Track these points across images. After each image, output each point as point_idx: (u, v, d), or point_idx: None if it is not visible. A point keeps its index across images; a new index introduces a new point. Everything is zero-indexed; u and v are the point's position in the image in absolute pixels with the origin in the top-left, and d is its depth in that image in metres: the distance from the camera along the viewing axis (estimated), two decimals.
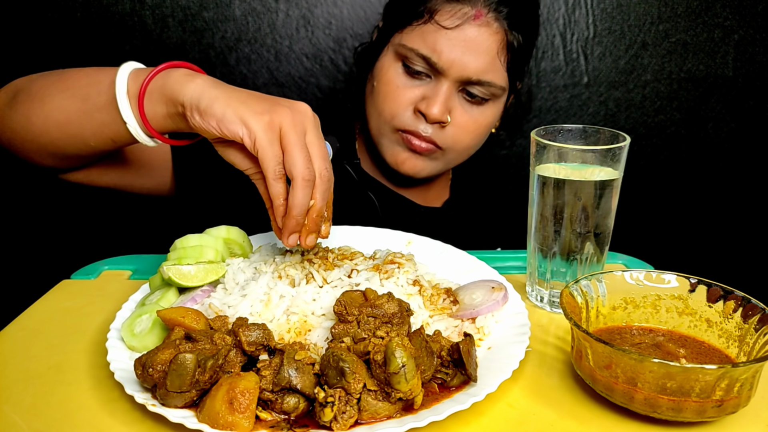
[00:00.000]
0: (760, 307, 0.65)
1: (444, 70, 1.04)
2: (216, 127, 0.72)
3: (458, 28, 1.03)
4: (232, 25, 1.46)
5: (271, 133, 0.70)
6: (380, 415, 0.58)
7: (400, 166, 1.13)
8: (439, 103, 1.05)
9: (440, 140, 1.09)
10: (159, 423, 0.59)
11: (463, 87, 1.07)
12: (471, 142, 1.14)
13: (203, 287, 0.76)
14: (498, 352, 0.70)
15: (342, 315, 0.66)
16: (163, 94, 0.77)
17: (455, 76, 1.05)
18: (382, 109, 1.10)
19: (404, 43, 1.07)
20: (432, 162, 1.13)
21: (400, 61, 1.08)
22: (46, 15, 1.41)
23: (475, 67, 1.04)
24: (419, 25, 1.05)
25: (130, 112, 0.80)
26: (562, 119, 1.60)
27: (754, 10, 1.54)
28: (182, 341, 0.62)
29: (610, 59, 1.55)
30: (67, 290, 0.89)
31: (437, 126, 1.08)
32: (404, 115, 1.08)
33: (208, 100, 0.72)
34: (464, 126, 1.10)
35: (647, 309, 0.73)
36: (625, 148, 0.78)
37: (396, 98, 1.08)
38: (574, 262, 0.82)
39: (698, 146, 1.64)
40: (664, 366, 0.57)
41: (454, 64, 1.03)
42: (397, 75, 1.09)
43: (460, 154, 1.16)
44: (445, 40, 1.03)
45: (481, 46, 1.03)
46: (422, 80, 1.08)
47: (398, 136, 1.11)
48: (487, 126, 1.13)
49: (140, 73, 0.81)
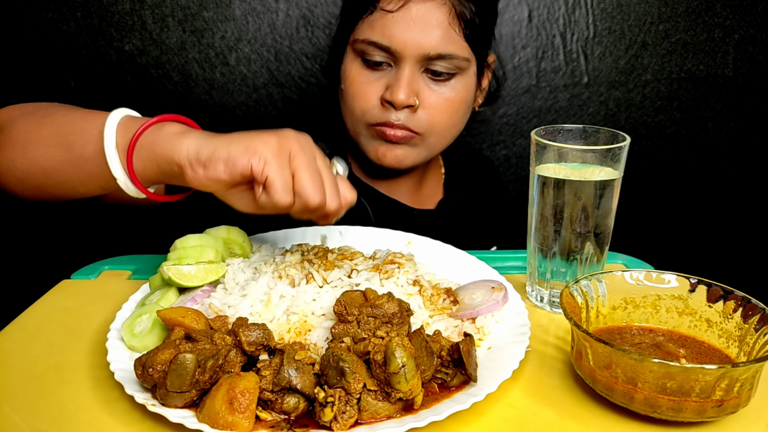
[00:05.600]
0: (760, 307, 0.65)
1: (399, 52, 1.03)
2: (224, 170, 0.68)
3: (402, 8, 1.02)
4: (232, 25, 1.46)
5: (281, 157, 0.68)
6: (380, 415, 0.58)
7: (382, 159, 1.11)
8: (402, 87, 1.03)
9: (415, 125, 1.07)
10: (159, 423, 0.59)
11: (425, 67, 1.06)
12: (448, 122, 1.11)
13: (203, 287, 0.76)
14: (498, 352, 0.70)
15: (342, 315, 0.66)
16: (154, 152, 0.74)
17: (413, 56, 1.03)
18: (352, 109, 1.11)
19: (357, 38, 1.07)
20: (413, 149, 1.12)
21: (358, 57, 1.08)
22: (46, 15, 1.41)
23: (429, 42, 1.02)
24: (367, 17, 1.05)
25: (119, 167, 0.77)
26: (562, 119, 1.60)
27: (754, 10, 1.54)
28: (182, 341, 0.62)
29: (610, 59, 1.55)
30: (67, 290, 0.89)
31: (408, 111, 1.06)
32: (373, 110, 1.08)
33: (209, 147, 0.69)
34: (436, 106, 1.08)
35: (647, 309, 0.73)
36: (625, 148, 0.78)
37: (362, 94, 1.08)
38: (574, 262, 0.82)
39: (698, 146, 1.64)
40: (664, 366, 0.57)
41: (408, 43, 1.02)
42: (358, 72, 1.09)
43: (441, 136, 1.13)
44: (392, 23, 1.03)
45: (430, 21, 1.02)
46: (384, 70, 1.07)
47: (373, 131, 1.10)
48: (460, 102, 1.11)
49: (129, 124, 0.77)
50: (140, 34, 1.44)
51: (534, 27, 1.52)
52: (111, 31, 1.43)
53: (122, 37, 1.44)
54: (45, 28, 1.42)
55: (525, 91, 1.57)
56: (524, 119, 1.60)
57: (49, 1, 1.40)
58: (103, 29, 1.43)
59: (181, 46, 1.46)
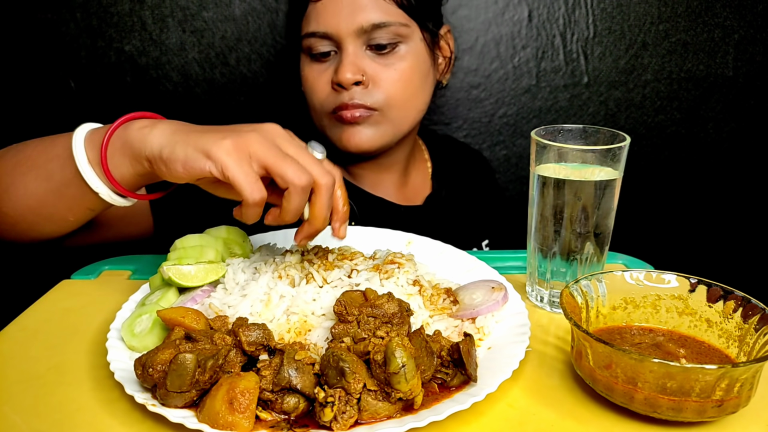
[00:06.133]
0: (760, 307, 0.65)
1: (336, 34, 1.04)
2: (182, 171, 0.68)
3: None
4: (232, 25, 1.46)
5: (237, 154, 0.65)
6: (380, 415, 0.58)
7: (347, 144, 1.10)
8: (345, 65, 1.03)
9: (370, 101, 1.06)
10: (159, 423, 0.59)
11: (367, 44, 1.05)
12: (404, 92, 1.09)
13: (203, 287, 0.76)
14: (498, 352, 0.70)
15: (342, 315, 0.66)
16: (125, 153, 0.73)
17: (349, 34, 1.03)
18: (312, 104, 1.12)
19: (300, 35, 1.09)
20: (376, 128, 1.09)
21: (307, 54, 1.10)
22: (46, 16, 1.41)
23: (362, 16, 1.03)
24: (304, 14, 1.08)
25: (98, 181, 0.76)
26: (562, 119, 1.60)
27: (754, 10, 1.54)
28: (182, 341, 0.62)
29: (610, 59, 1.55)
30: (67, 290, 0.89)
31: (359, 89, 1.05)
32: (328, 97, 1.08)
33: (169, 146, 0.68)
34: (387, 77, 1.07)
35: (647, 309, 0.73)
36: (625, 148, 0.78)
37: (316, 87, 1.09)
38: (574, 262, 0.82)
39: (698, 146, 1.64)
40: (664, 366, 0.57)
41: (341, 24, 1.03)
42: (309, 67, 1.10)
43: (402, 108, 1.10)
44: (321, 8, 1.04)
45: None
46: (331, 59, 1.08)
47: (333, 119, 1.10)
48: (411, 70, 1.09)
49: (95, 136, 0.76)
50: (140, 35, 1.44)
51: (534, 27, 1.52)
52: (111, 32, 1.43)
53: (122, 37, 1.44)
54: (45, 28, 1.42)
55: (525, 91, 1.57)
56: (524, 119, 1.60)
57: (49, 2, 1.40)
58: (102, 30, 1.43)
59: (181, 46, 1.46)
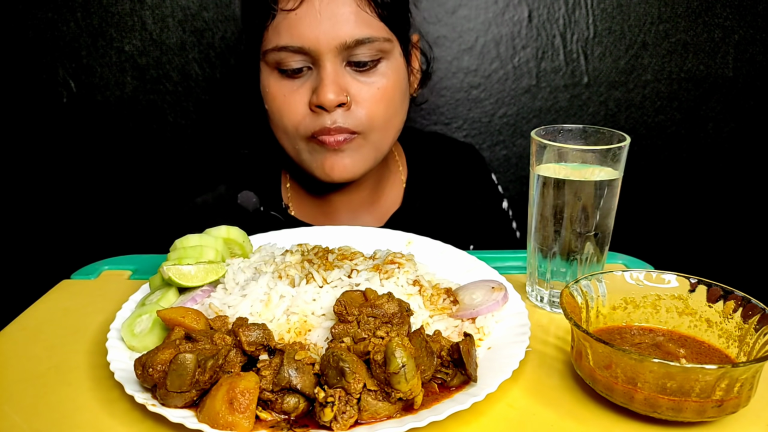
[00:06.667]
0: (760, 307, 0.65)
1: (314, 50, 0.95)
2: None
3: (304, 3, 0.94)
4: (232, 25, 1.46)
5: None
6: (380, 415, 0.58)
7: (330, 174, 1.02)
8: (328, 86, 0.95)
9: (353, 124, 0.99)
10: (159, 423, 0.59)
11: (347, 60, 0.97)
12: (386, 112, 1.02)
13: (203, 287, 0.76)
14: (498, 352, 0.70)
15: (342, 315, 0.66)
16: None
17: (330, 50, 0.95)
18: (284, 127, 1.02)
19: (266, 48, 0.98)
20: (358, 152, 1.02)
21: (275, 69, 1.00)
22: (46, 15, 1.41)
23: (344, 30, 0.94)
24: (270, 24, 0.97)
25: None
26: (562, 119, 1.60)
27: (754, 10, 1.54)
28: (182, 341, 0.62)
29: (610, 59, 1.55)
30: (67, 290, 0.89)
31: (341, 111, 0.98)
32: (304, 120, 0.99)
33: None
34: (369, 98, 0.99)
35: (647, 309, 0.73)
36: (625, 148, 0.78)
37: (288, 108, 1.00)
38: (574, 262, 0.82)
39: (698, 146, 1.64)
40: (664, 366, 0.57)
41: (320, 38, 0.94)
42: (278, 84, 1.00)
43: (384, 130, 1.04)
44: (297, 21, 0.94)
45: (338, 8, 0.94)
46: (304, 76, 0.99)
47: (312, 144, 1.02)
48: (394, 88, 1.02)
49: None
50: (140, 35, 1.44)
51: (534, 27, 1.52)
52: (111, 32, 1.43)
53: (122, 37, 1.44)
54: (45, 28, 1.42)
55: (525, 91, 1.57)
56: (524, 119, 1.60)
57: (49, 2, 1.40)
58: (103, 30, 1.43)
59: (181, 46, 1.46)
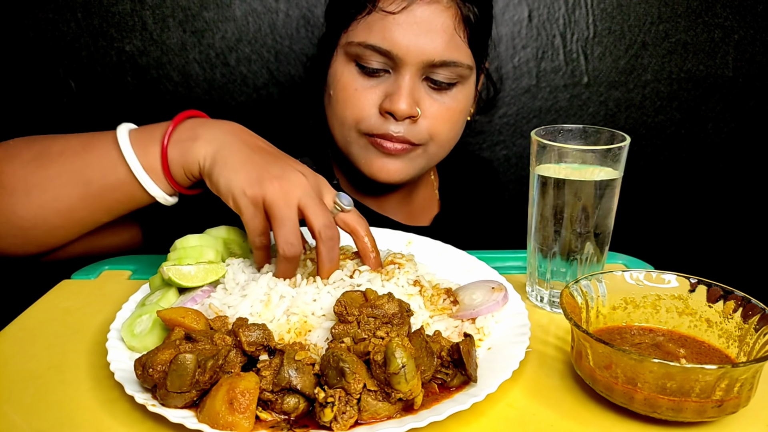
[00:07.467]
0: (760, 307, 0.65)
1: (401, 58, 0.94)
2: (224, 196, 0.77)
3: (406, 9, 0.93)
4: (232, 25, 1.46)
5: (252, 209, 0.74)
6: (380, 415, 0.58)
7: (377, 174, 1.03)
8: (404, 97, 0.95)
9: (415, 137, 1.00)
10: (159, 423, 0.59)
11: (426, 75, 0.98)
12: (450, 133, 1.04)
13: (203, 287, 0.76)
14: (498, 353, 0.70)
15: (342, 315, 0.66)
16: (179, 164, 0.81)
17: (415, 63, 0.95)
18: (343, 117, 1.01)
19: (352, 40, 0.97)
20: (411, 162, 1.04)
21: (353, 62, 0.99)
22: (46, 16, 1.41)
23: (435, 48, 0.94)
24: (363, 18, 0.96)
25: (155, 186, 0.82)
26: (562, 119, 1.60)
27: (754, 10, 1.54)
28: (182, 341, 0.62)
29: (610, 59, 1.55)
30: (67, 290, 0.89)
31: (408, 122, 0.98)
32: (370, 119, 0.99)
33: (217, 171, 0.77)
34: (438, 116, 1.00)
35: (647, 309, 0.73)
36: (625, 148, 0.78)
37: (357, 102, 0.99)
38: (574, 262, 0.82)
39: (698, 146, 1.64)
40: (664, 366, 0.57)
41: (411, 49, 0.94)
42: (352, 77, 0.99)
43: (441, 148, 1.06)
44: (394, 26, 0.93)
45: (436, 25, 0.94)
46: (381, 77, 0.98)
47: (368, 141, 1.02)
48: (461, 112, 1.04)
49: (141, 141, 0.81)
50: (141, 35, 1.44)
51: (534, 27, 1.52)
52: (111, 32, 1.43)
53: (123, 37, 1.44)
54: (45, 28, 1.42)
55: (525, 91, 1.58)
56: (524, 119, 1.60)
57: (49, 2, 1.40)
58: (103, 30, 1.43)
59: (182, 46, 1.46)
